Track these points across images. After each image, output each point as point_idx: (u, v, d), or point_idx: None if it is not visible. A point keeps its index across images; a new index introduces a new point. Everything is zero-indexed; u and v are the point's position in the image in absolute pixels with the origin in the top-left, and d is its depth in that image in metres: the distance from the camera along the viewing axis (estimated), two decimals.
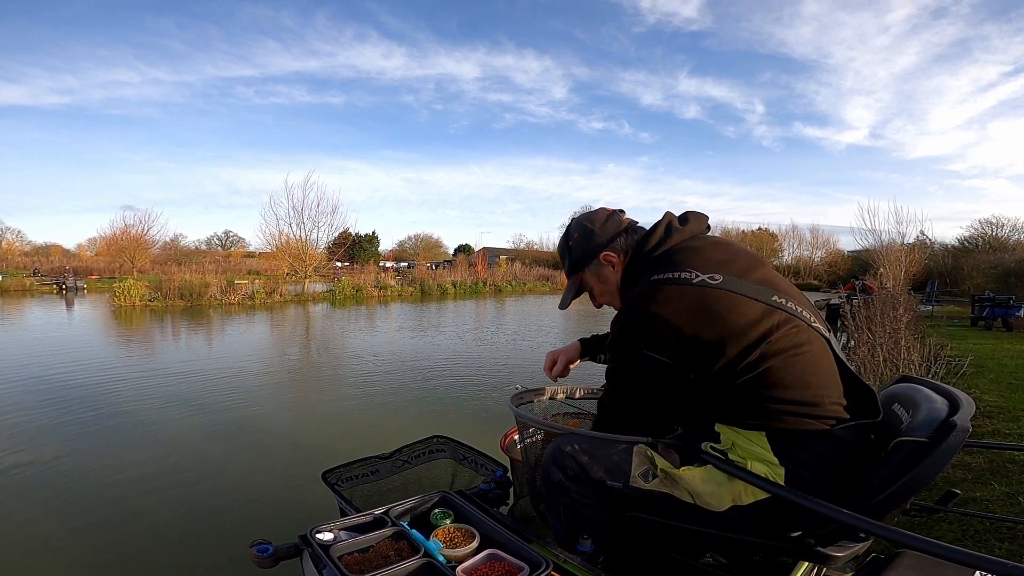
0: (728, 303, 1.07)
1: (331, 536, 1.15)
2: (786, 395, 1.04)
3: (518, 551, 1.10)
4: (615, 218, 1.34)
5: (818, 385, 1.05)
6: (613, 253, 1.29)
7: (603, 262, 1.30)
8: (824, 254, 42.85)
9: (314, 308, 17.87)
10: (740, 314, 1.06)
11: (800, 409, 1.04)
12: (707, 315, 1.07)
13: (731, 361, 1.06)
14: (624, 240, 1.29)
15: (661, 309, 1.09)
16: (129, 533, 2.85)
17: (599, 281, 1.33)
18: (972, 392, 4.51)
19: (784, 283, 1.17)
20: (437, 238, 59.22)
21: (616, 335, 1.19)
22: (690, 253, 1.17)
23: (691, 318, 1.07)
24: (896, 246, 16.37)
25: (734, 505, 1.08)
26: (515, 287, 29.30)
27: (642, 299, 1.13)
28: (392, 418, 5.09)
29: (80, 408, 5.18)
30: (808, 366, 1.05)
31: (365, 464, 1.82)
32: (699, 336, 1.07)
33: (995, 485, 2.67)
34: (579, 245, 1.34)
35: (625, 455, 1.20)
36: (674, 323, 1.08)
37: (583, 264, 1.33)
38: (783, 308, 1.08)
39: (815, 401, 1.04)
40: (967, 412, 0.98)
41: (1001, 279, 22.10)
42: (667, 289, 1.10)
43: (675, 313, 1.08)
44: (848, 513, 0.89)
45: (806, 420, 1.04)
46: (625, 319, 1.17)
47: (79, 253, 43.79)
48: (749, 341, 1.05)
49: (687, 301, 1.08)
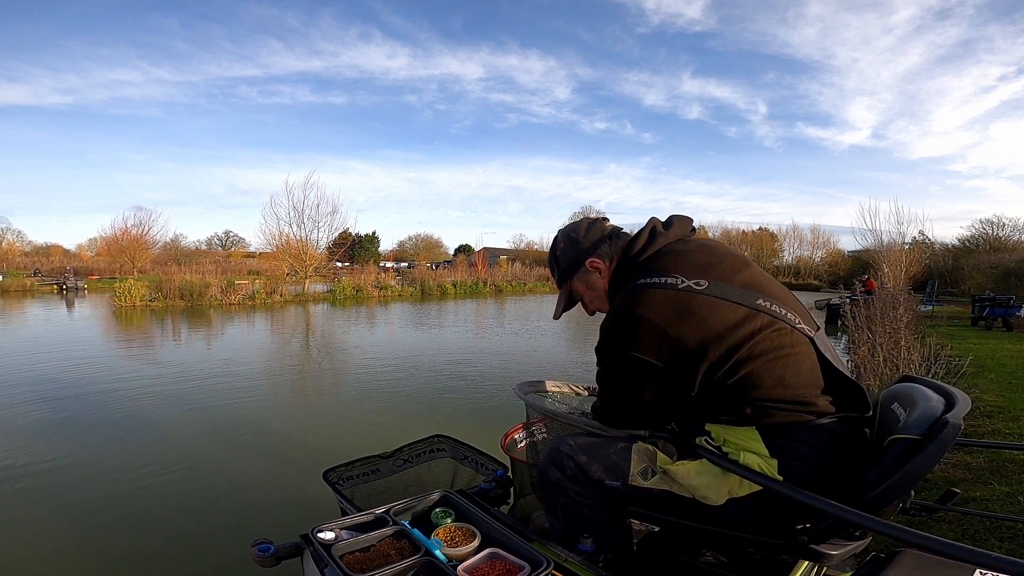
0: (711, 308, 1.09)
1: (332, 535, 1.15)
2: (770, 394, 1.06)
3: (519, 550, 1.10)
4: (597, 225, 1.37)
5: (801, 385, 1.07)
6: (598, 259, 1.31)
7: (589, 269, 1.32)
8: (824, 254, 42.84)
9: (314, 308, 17.87)
10: (722, 318, 1.09)
11: (786, 407, 1.06)
12: (690, 319, 1.09)
13: (714, 364, 1.08)
14: (608, 246, 1.32)
15: (646, 312, 1.11)
16: (130, 533, 2.86)
17: (588, 288, 1.35)
18: (972, 392, 4.51)
19: (771, 285, 1.18)
20: (437, 238, 59.34)
21: (603, 339, 1.21)
22: (675, 257, 1.19)
23: (675, 322, 1.09)
24: (896, 246, 16.38)
25: (731, 498, 1.10)
26: (515, 287, 29.29)
27: (627, 303, 1.15)
28: (393, 417, 5.09)
29: (81, 409, 5.19)
30: (790, 368, 1.07)
31: (366, 463, 1.82)
32: (683, 339, 1.09)
33: (995, 484, 2.68)
34: (566, 255, 1.37)
35: (624, 454, 1.21)
36: (659, 325, 1.10)
37: (571, 272, 1.36)
38: (766, 311, 1.10)
39: (800, 400, 1.07)
40: (961, 410, 0.99)
41: (1001, 279, 22.11)
42: (652, 293, 1.13)
43: (659, 316, 1.10)
44: (836, 505, 0.90)
45: (794, 415, 1.06)
46: (611, 322, 1.18)
47: (79, 253, 43.83)
48: (731, 344, 1.08)
49: (671, 305, 1.10)
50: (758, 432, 1.08)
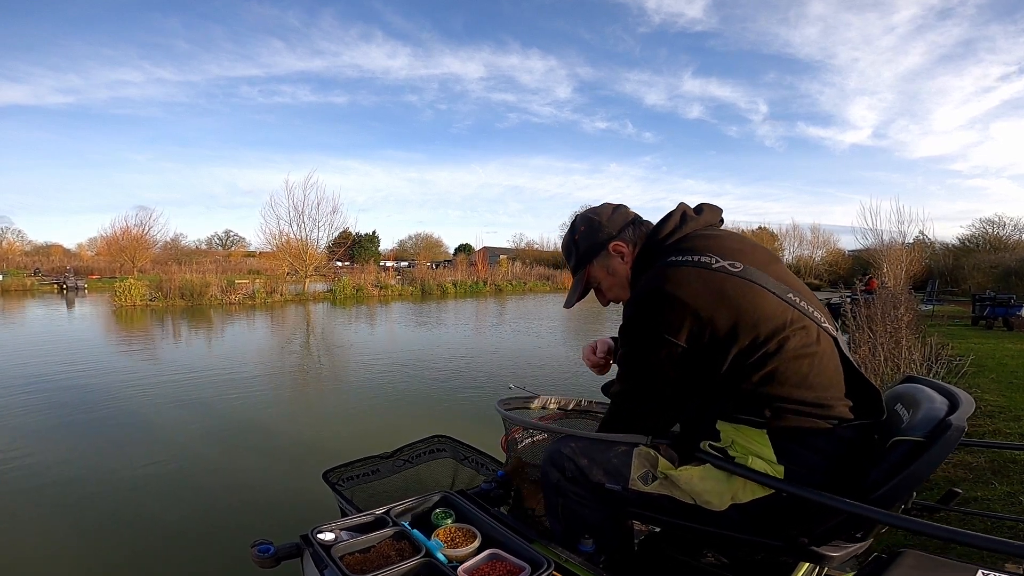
0: (747, 292, 1.04)
1: (332, 536, 1.14)
2: (792, 394, 1.02)
3: (519, 551, 1.10)
4: (621, 210, 1.31)
5: (823, 387, 1.04)
6: (623, 243, 1.25)
7: (613, 253, 1.26)
8: (824, 253, 42.81)
9: (314, 308, 17.87)
10: (757, 306, 1.03)
11: (805, 409, 1.02)
12: (724, 301, 1.03)
13: (742, 353, 1.03)
14: (633, 231, 1.26)
15: (677, 290, 1.04)
16: (130, 533, 2.86)
17: (608, 274, 1.28)
18: (973, 391, 4.50)
19: (797, 282, 1.15)
20: (437, 238, 59.26)
21: (630, 318, 1.13)
22: (708, 239, 1.14)
23: (708, 302, 1.03)
24: (897, 245, 16.38)
25: (734, 504, 1.06)
26: (516, 287, 29.29)
27: (658, 280, 1.08)
28: (392, 417, 5.09)
29: (80, 409, 5.19)
30: (815, 367, 1.04)
31: (366, 464, 1.81)
32: (714, 321, 1.03)
33: (996, 484, 2.67)
34: (586, 238, 1.29)
35: (624, 458, 1.18)
36: (691, 305, 1.03)
37: (591, 256, 1.29)
38: (796, 307, 1.06)
39: (820, 402, 1.03)
40: (965, 411, 0.98)
41: (1002, 278, 22.08)
42: (685, 271, 1.07)
43: (692, 295, 1.03)
44: (848, 502, 0.90)
45: (810, 420, 1.03)
46: (638, 302, 1.11)
47: (80, 253, 43.85)
48: (761, 335, 1.02)
49: (705, 284, 1.04)
50: (769, 436, 1.04)
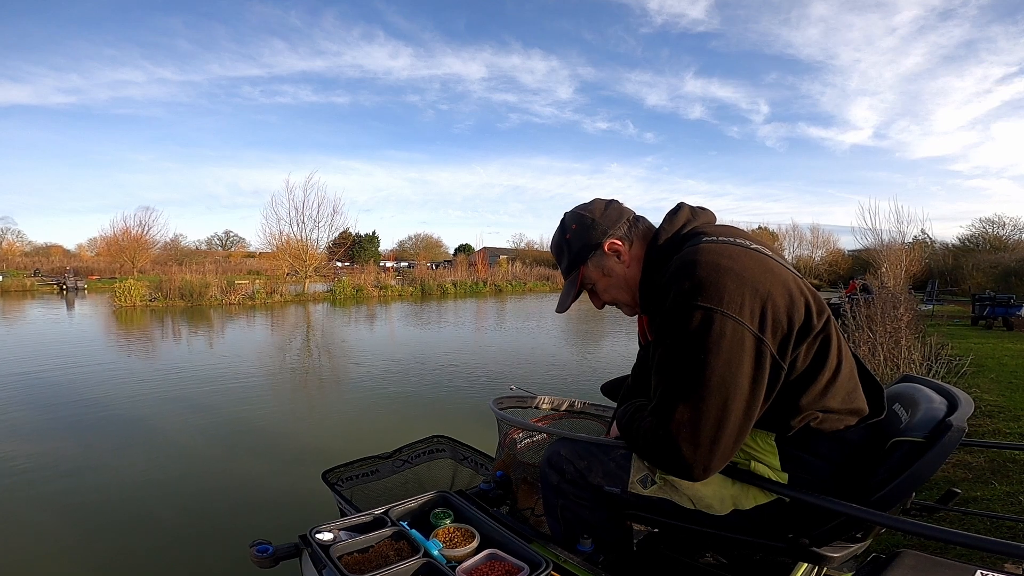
0: (783, 273, 0.95)
1: (331, 536, 1.14)
2: (810, 395, 0.96)
3: (518, 551, 1.10)
4: (614, 206, 1.20)
5: (843, 390, 0.99)
6: (619, 242, 1.15)
7: (608, 252, 1.15)
8: (824, 253, 42.81)
9: (314, 308, 17.86)
10: (790, 291, 0.93)
11: (818, 413, 0.97)
12: (773, 277, 0.93)
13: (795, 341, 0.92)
14: (629, 229, 1.17)
15: (728, 263, 0.92)
16: (129, 533, 2.86)
17: (603, 274, 1.18)
18: (972, 391, 4.51)
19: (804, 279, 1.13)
20: (437, 238, 59.34)
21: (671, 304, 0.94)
22: (724, 228, 1.08)
23: (761, 276, 0.92)
24: (897, 245, 16.38)
25: (735, 510, 1.04)
26: (515, 287, 29.29)
27: (701, 255, 0.94)
28: (392, 417, 5.09)
29: (80, 409, 5.19)
30: (835, 366, 0.99)
31: (365, 464, 1.82)
32: (773, 297, 0.90)
33: (995, 484, 2.67)
34: (578, 237, 1.18)
35: (623, 460, 1.15)
36: (747, 278, 0.90)
37: (584, 256, 1.18)
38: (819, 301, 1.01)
39: (834, 407, 0.99)
40: (965, 412, 0.97)
41: (1002, 278, 22.09)
42: (726, 246, 0.96)
43: (744, 268, 0.91)
44: (849, 505, 0.89)
45: (821, 424, 0.98)
46: (678, 277, 0.94)
47: (79, 253, 43.91)
48: (796, 325, 0.92)
49: (752, 259, 0.94)
50: (776, 442, 1.00)
